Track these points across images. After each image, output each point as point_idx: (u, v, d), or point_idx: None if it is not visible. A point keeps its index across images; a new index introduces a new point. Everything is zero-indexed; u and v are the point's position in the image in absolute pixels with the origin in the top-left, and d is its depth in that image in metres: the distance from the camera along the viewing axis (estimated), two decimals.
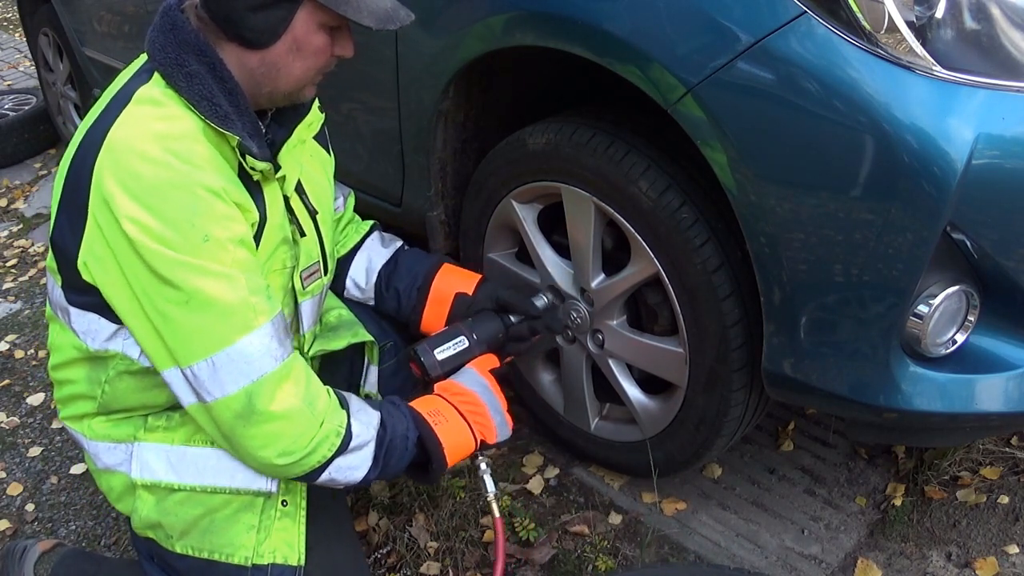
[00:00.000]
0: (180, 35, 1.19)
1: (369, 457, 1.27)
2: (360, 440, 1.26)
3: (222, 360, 1.15)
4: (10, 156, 4.17)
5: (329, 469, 1.24)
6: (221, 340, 1.15)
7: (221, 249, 1.15)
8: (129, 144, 1.15)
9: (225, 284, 1.14)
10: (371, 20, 1.19)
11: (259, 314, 1.17)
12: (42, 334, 2.78)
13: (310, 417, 1.20)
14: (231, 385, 1.16)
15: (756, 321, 1.40)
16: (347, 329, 1.54)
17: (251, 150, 1.20)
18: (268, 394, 1.17)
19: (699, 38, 1.26)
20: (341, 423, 1.24)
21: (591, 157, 1.52)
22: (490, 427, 1.43)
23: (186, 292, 1.13)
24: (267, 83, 1.23)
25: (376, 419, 1.30)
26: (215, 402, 1.17)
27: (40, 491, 2.08)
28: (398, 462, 1.31)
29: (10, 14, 7.06)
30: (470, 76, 1.69)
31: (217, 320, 1.15)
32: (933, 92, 1.13)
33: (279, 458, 1.19)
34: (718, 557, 1.69)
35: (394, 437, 1.30)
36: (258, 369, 1.16)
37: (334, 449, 1.22)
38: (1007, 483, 1.78)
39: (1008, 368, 1.29)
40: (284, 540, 1.33)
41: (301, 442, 1.20)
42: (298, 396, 1.19)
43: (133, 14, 2.82)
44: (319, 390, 1.24)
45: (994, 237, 1.19)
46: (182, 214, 1.12)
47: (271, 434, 1.18)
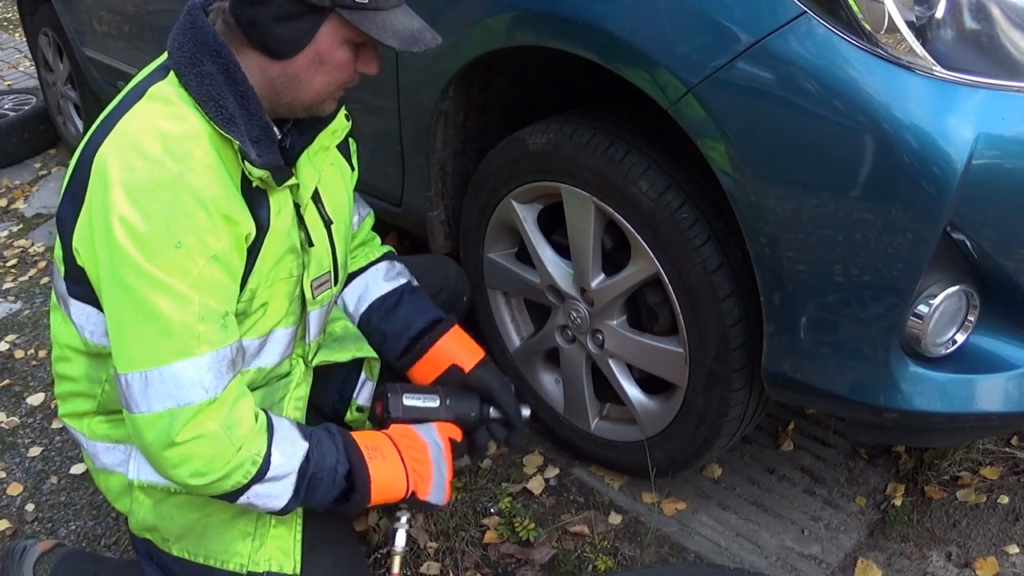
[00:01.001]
0: (199, 35, 1.19)
1: (290, 488, 1.23)
2: (279, 471, 1.21)
3: (154, 377, 1.13)
4: (10, 156, 4.17)
5: (247, 494, 1.20)
6: (157, 358, 1.13)
7: (189, 261, 1.13)
8: (132, 137, 1.15)
9: (177, 303, 1.12)
10: (395, 40, 1.18)
11: (202, 343, 1.14)
12: (42, 334, 2.78)
13: (226, 442, 1.16)
14: (157, 404, 1.13)
15: (756, 321, 1.40)
16: (353, 342, 1.53)
17: (249, 155, 1.18)
18: (187, 421, 1.14)
19: (699, 38, 1.26)
20: (259, 452, 1.19)
21: (591, 157, 1.52)
22: (427, 482, 1.37)
23: (137, 300, 1.12)
24: (287, 94, 1.22)
25: (302, 451, 1.24)
26: (139, 415, 1.15)
27: (40, 491, 2.08)
28: (325, 494, 1.27)
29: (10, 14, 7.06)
30: (470, 76, 1.69)
31: (158, 337, 1.13)
32: (933, 92, 1.13)
33: (191, 478, 1.16)
34: (718, 557, 1.69)
35: (319, 470, 1.25)
36: (186, 396, 1.13)
37: (249, 477, 1.18)
38: (1007, 483, 1.78)
39: (1008, 368, 1.29)
40: (279, 548, 1.33)
41: (214, 465, 1.16)
42: (217, 421, 1.15)
43: (133, 14, 2.83)
44: (243, 416, 1.19)
45: (994, 237, 1.19)
46: (162, 215, 1.11)
47: (185, 455, 1.15)
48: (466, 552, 1.73)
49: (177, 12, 1.27)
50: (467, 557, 1.72)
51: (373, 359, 1.56)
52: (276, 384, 1.39)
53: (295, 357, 1.42)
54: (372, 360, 1.56)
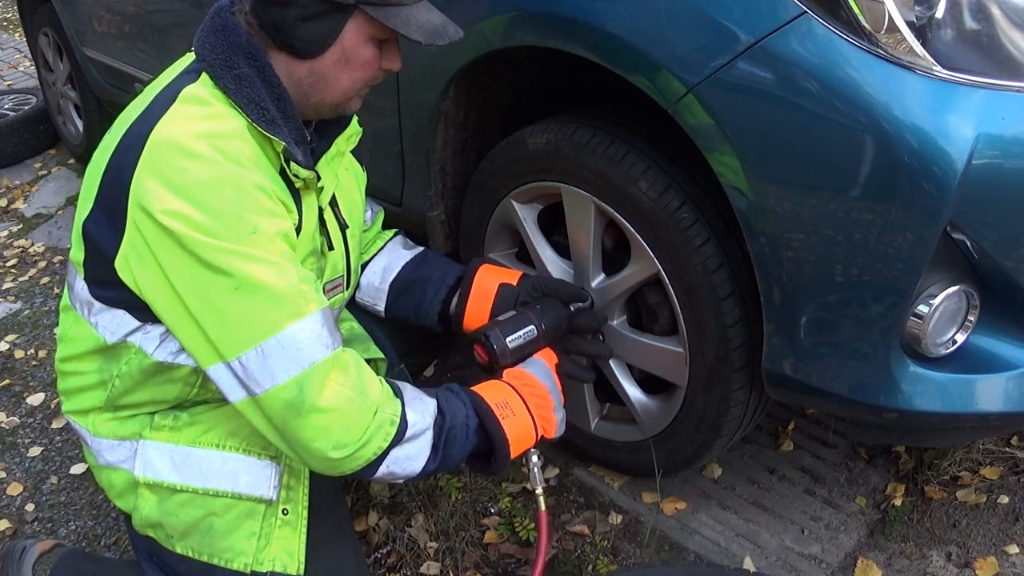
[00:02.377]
0: (231, 37, 1.19)
1: (427, 446, 1.22)
2: (417, 429, 1.21)
3: (272, 347, 1.12)
4: (10, 156, 4.17)
5: (386, 461, 1.19)
6: (272, 326, 1.12)
7: (269, 241, 1.14)
8: (174, 142, 1.13)
9: (275, 271, 1.13)
10: (420, 35, 1.18)
11: (310, 301, 1.15)
12: (42, 334, 2.78)
13: (362, 406, 1.16)
14: (281, 374, 1.12)
15: (756, 321, 1.40)
16: (359, 343, 1.54)
17: (296, 157, 1.19)
18: (319, 383, 1.13)
19: (699, 38, 1.26)
20: (396, 412, 1.19)
21: (591, 157, 1.52)
22: (552, 423, 1.39)
23: (236, 278, 1.11)
24: (314, 93, 1.23)
25: (433, 407, 1.25)
26: (264, 393, 1.14)
27: (40, 491, 2.08)
28: (460, 451, 1.27)
29: (10, 14, 7.06)
30: (470, 76, 1.69)
31: (268, 306, 1.12)
32: (933, 92, 1.13)
33: (334, 451, 1.15)
34: (718, 557, 1.69)
35: (454, 425, 1.25)
36: (309, 357, 1.13)
37: (389, 439, 1.18)
38: (1007, 483, 1.78)
39: (1008, 368, 1.29)
40: (284, 549, 1.33)
41: (354, 433, 1.15)
42: (349, 385, 1.16)
43: (133, 14, 2.82)
44: (371, 379, 1.20)
45: (994, 237, 1.19)
46: (230, 208, 1.11)
47: (323, 426, 1.14)
48: (466, 552, 1.73)
49: (177, 12, 1.28)
50: (467, 557, 1.72)
51: (380, 359, 1.56)
52: None
53: None
54: (379, 360, 1.57)
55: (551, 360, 1.48)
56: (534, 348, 1.47)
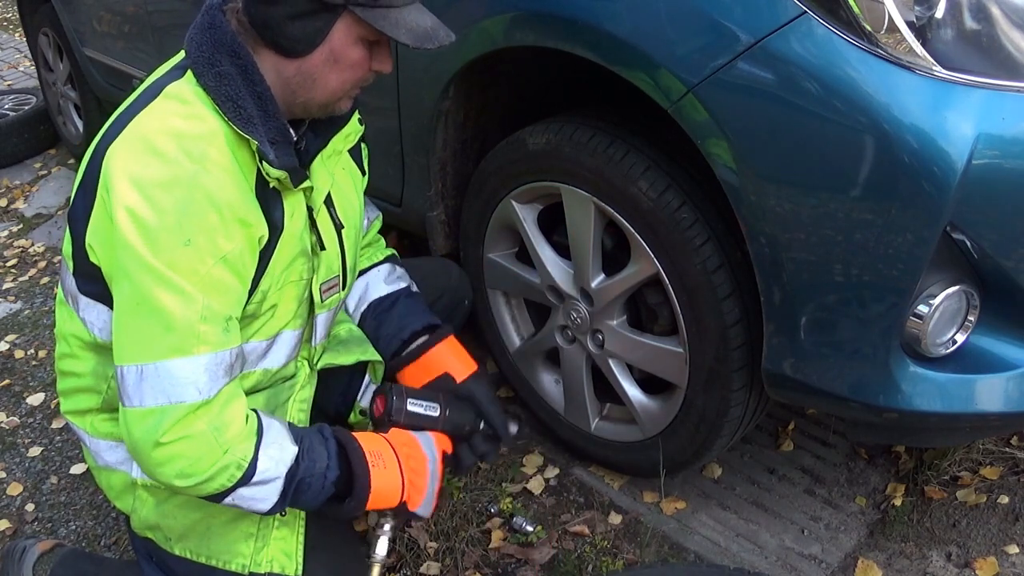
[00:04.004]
0: (216, 35, 1.19)
1: (275, 492, 1.21)
2: (266, 476, 1.20)
3: (150, 372, 1.13)
4: (10, 156, 4.17)
5: (232, 496, 1.19)
6: (154, 353, 1.13)
7: (197, 259, 1.13)
8: (145, 135, 1.15)
9: (179, 301, 1.12)
10: (409, 38, 1.17)
11: (201, 343, 1.13)
12: (42, 334, 2.78)
13: (213, 444, 1.15)
14: (149, 399, 1.13)
15: (756, 321, 1.40)
16: (357, 345, 1.53)
17: (267, 156, 1.18)
18: (176, 420, 1.13)
19: (699, 38, 1.26)
20: (245, 456, 1.17)
21: (591, 157, 1.52)
22: (420, 495, 1.36)
23: (140, 294, 1.12)
24: (302, 93, 1.22)
25: (290, 456, 1.22)
26: (130, 409, 1.15)
27: (40, 491, 2.08)
28: (313, 498, 1.25)
29: (10, 14, 7.05)
30: (470, 76, 1.69)
31: (158, 332, 1.12)
32: (933, 92, 1.13)
33: (176, 479, 1.15)
34: (718, 557, 1.69)
35: (309, 475, 1.24)
36: (178, 394, 1.13)
37: (234, 480, 1.17)
38: (1007, 483, 1.78)
39: (1008, 368, 1.29)
40: (282, 550, 1.33)
41: (199, 466, 1.15)
42: (206, 421, 1.15)
43: (133, 14, 2.82)
44: (232, 418, 1.18)
45: (994, 237, 1.19)
46: (173, 212, 1.11)
47: (170, 454, 1.14)
48: (466, 552, 1.73)
49: (177, 12, 1.28)
50: (467, 557, 1.72)
51: (377, 362, 1.56)
52: (281, 386, 1.39)
53: (300, 360, 1.42)
54: (376, 363, 1.56)
55: (442, 443, 1.44)
56: (430, 426, 1.43)
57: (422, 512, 1.37)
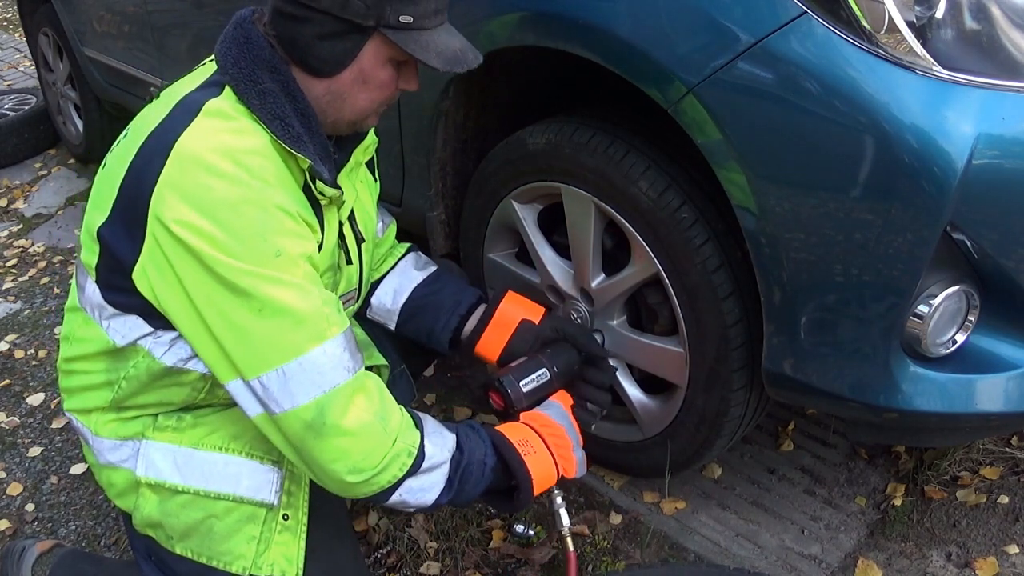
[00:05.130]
0: (254, 50, 1.18)
1: (442, 479, 1.23)
2: (433, 461, 1.22)
3: (293, 370, 1.12)
4: (10, 156, 4.17)
5: (400, 490, 1.20)
6: (294, 349, 1.12)
7: (293, 264, 1.13)
8: (198, 156, 1.12)
9: (298, 294, 1.12)
10: (439, 61, 1.17)
11: (332, 324, 1.15)
12: (42, 334, 2.78)
13: (382, 434, 1.16)
14: (302, 396, 1.13)
15: (756, 321, 1.40)
16: (363, 350, 1.54)
17: (322, 175, 1.19)
18: (340, 407, 1.14)
19: (700, 38, 1.26)
20: (414, 443, 1.20)
21: (591, 157, 1.52)
22: (572, 462, 1.40)
23: (259, 300, 1.11)
24: (332, 111, 1.22)
25: (452, 441, 1.26)
26: (284, 414, 1.14)
27: (40, 491, 2.08)
28: (474, 487, 1.27)
29: (10, 14, 7.06)
30: (470, 76, 1.68)
31: (290, 328, 1.12)
32: (933, 92, 1.13)
33: (349, 475, 1.16)
34: (718, 557, 1.69)
35: (471, 461, 1.26)
36: (330, 380, 1.13)
37: (405, 469, 1.19)
38: (1007, 483, 1.78)
39: (1008, 368, 1.29)
40: (283, 554, 1.33)
41: (372, 459, 1.16)
42: (371, 411, 1.16)
43: (133, 14, 2.82)
44: (393, 407, 1.20)
45: (994, 237, 1.19)
46: (254, 229, 1.10)
47: (341, 449, 1.14)
48: (466, 552, 1.73)
49: (177, 12, 1.27)
50: (467, 557, 1.72)
51: (383, 366, 1.56)
52: None
53: None
54: (382, 367, 1.57)
55: (566, 402, 1.48)
56: (548, 391, 1.47)
57: (580, 474, 1.42)
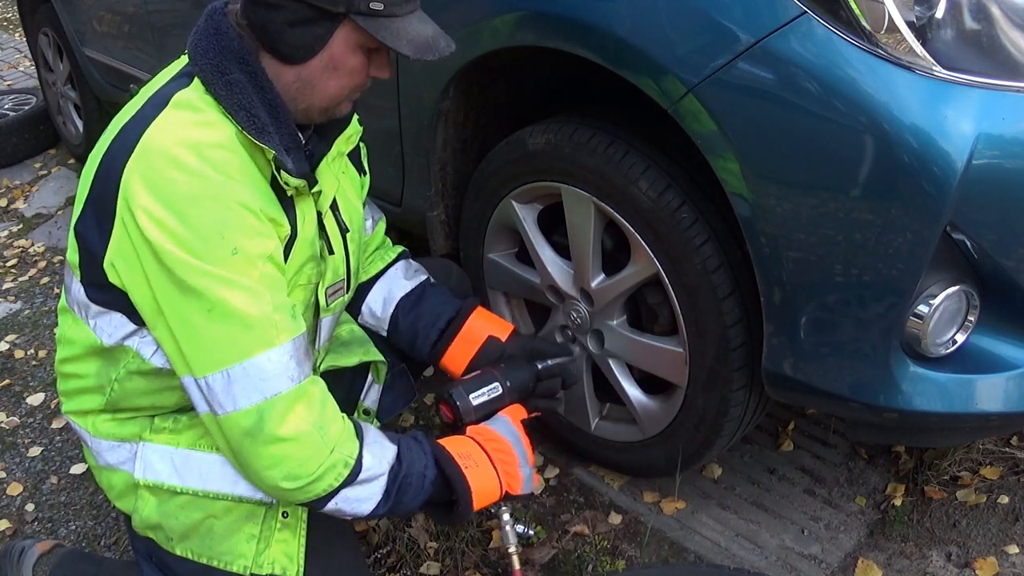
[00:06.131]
0: (223, 41, 1.18)
1: (379, 492, 1.23)
2: (371, 473, 1.22)
3: (238, 373, 1.13)
4: (10, 156, 4.17)
5: (336, 499, 1.20)
6: (239, 353, 1.13)
7: (249, 264, 1.13)
8: (164, 149, 1.13)
9: (250, 297, 1.12)
10: (409, 49, 1.17)
11: (281, 331, 1.15)
12: (42, 334, 2.78)
13: (320, 443, 1.16)
14: (243, 400, 1.14)
15: (756, 321, 1.40)
16: (359, 346, 1.54)
17: (286, 165, 1.18)
18: (280, 414, 1.14)
19: (700, 38, 1.26)
20: (352, 453, 1.19)
21: (591, 157, 1.52)
22: (517, 478, 1.38)
23: (209, 301, 1.11)
24: (302, 99, 1.22)
25: (392, 453, 1.25)
26: (225, 416, 1.15)
27: (40, 491, 2.08)
28: (412, 499, 1.27)
29: (10, 14, 7.06)
30: (470, 76, 1.69)
31: (238, 332, 1.12)
32: (933, 92, 1.13)
33: (284, 481, 1.16)
34: (718, 557, 1.69)
35: (409, 474, 1.26)
36: (273, 387, 1.14)
37: (341, 479, 1.19)
38: (1007, 483, 1.78)
39: (1008, 368, 1.29)
40: (283, 552, 1.33)
41: (308, 467, 1.16)
42: (309, 420, 1.16)
43: (133, 14, 2.82)
44: (333, 417, 1.20)
45: (994, 237, 1.19)
46: (212, 225, 1.11)
47: (278, 455, 1.15)
48: (466, 552, 1.73)
49: (177, 12, 1.27)
50: (467, 557, 1.72)
51: (380, 362, 1.56)
52: None
53: None
54: (379, 363, 1.56)
55: (517, 416, 1.46)
56: (499, 405, 1.45)
57: (526, 490, 1.39)
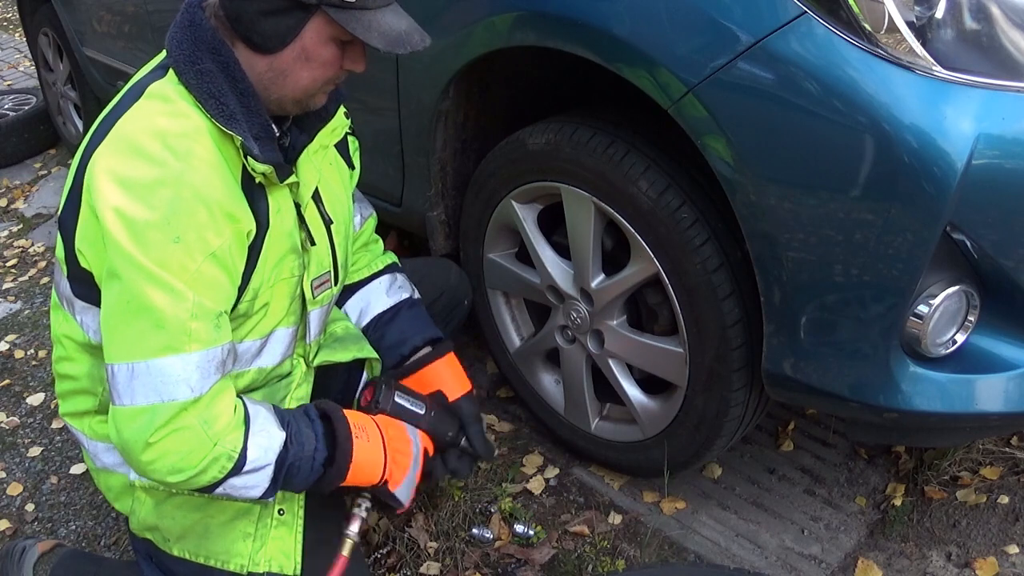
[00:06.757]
0: (197, 32, 1.19)
1: (266, 479, 1.22)
2: (256, 464, 1.20)
3: (141, 370, 1.13)
4: (10, 156, 4.17)
5: (223, 487, 1.20)
6: (147, 350, 1.13)
7: (187, 257, 1.13)
8: (130, 137, 1.15)
9: (170, 298, 1.12)
10: (380, 41, 1.17)
11: (193, 341, 1.13)
12: (42, 334, 2.78)
13: (202, 437, 1.15)
14: (141, 397, 1.13)
15: (756, 321, 1.40)
16: (353, 342, 1.54)
17: (252, 151, 1.18)
18: (169, 417, 1.13)
19: (700, 38, 1.26)
20: (235, 447, 1.18)
21: (591, 157, 1.52)
22: (402, 474, 1.37)
23: (131, 292, 1.12)
24: (274, 89, 1.22)
25: (278, 441, 1.23)
26: (121, 407, 1.15)
27: (40, 491, 2.08)
28: (303, 481, 1.27)
29: (10, 14, 7.05)
30: (470, 76, 1.69)
31: (149, 329, 1.12)
32: (933, 92, 1.13)
33: (169, 475, 1.16)
34: (718, 557, 1.69)
35: (297, 459, 1.24)
36: (170, 392, 1.13)
37: (225, 472, 1.18)
38: (1007, 483, 1.78)
39: (1008, 368, 1.29)
40: (280, 549, 1.33)
41: (190, 460, 1.15)
42: (195, 416, 1.15)
43: (133, 14, 2.83)
44: (221, 410, 1.18)
45: (994, 237, 1.19)
46: (162, 210, 1.11)
47: (161, 451, 1.14)
48: (466, 552, 1.73)
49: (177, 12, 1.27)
50: (467, 557, 1.72)
51: (374, 359, 1.56)
52: (277, 384, 1.39)
53: (296, 357, 1.42)
54: (373, 360, 1.56)
55: (426, 441, 1.46)
56: (413, 422, 1.45)
57: (401, 495, 1.38)
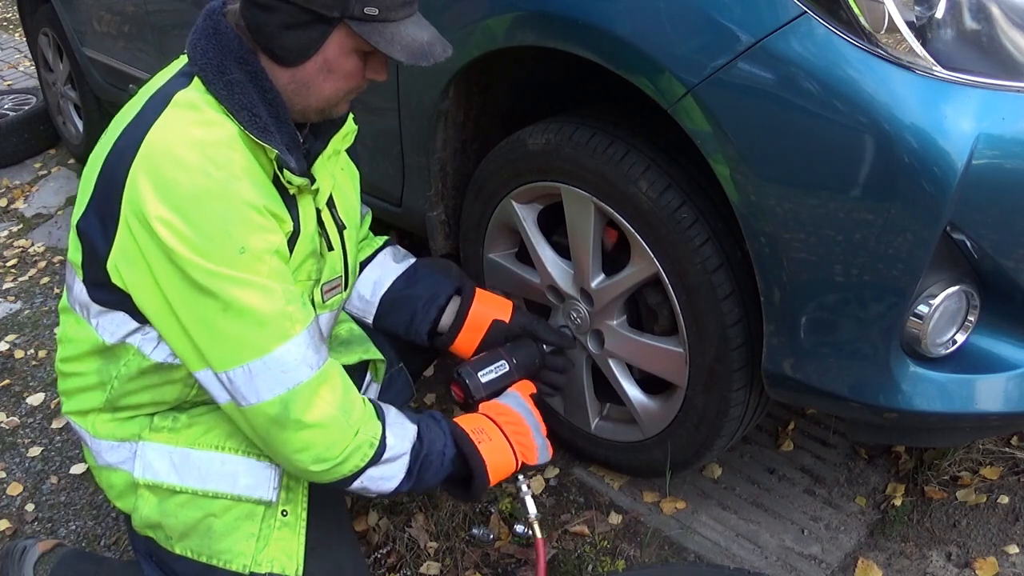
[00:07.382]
0: (223, 41, 1.18)
1: (403, 469, 1.28)
2: (394, 452, 1.26)
3: (258, 367, 1.15)
4: (10, 156, 4.17)
5: (361, 478, 1.25)
6: (258, 349, 1.15)
7: (257, 260, 1.15)
8: (167, 149, 1.13)
9: (261, 295, 1.15)
10: (403, 54, 1.18)
11: (295, 323, 1.17)
12: (42, 334, 2.78)
13: (344, 426, 1.21)
14: (267, 392, 1.16)
15: (756, 321, 1.40)
16: (359, 345, 1.55)
17: (289, 164, 1.20)
18: (304, 402, 1.17)
19: (699, 38, 1.26)
20: (376, 434, 1.24)
21: (591, 157, 1.52)
22: (532, 448, 1.42)
23: (223, 301, 1.13)
24: (298, 100, 1.23)
25: (412, 432, 1.30)
26: (250, 407, 1.18)
27: (40, 491, 2.08)
28: (433, 476, 1.32)
29: (10, 14, 7.05)
30: (470, 76, 1.69)
31: (254, 329, 1.15)
32: (933, 92, 1.13)
33: (314, 464, 1.21)
34: (718, 557, 1.69)
35: (430, 452, 1.30)
36: (294, 378, 1.17)
37: (367, 460, 1.23)
38: (1007, 483, 1.78)
39: (1008, 368, 1.29)
40: (282, 550, 1.33)
41: (334, 450, 1.20)
42: (334, 404, 1.20)
43: (133, 14, 2.82)
44: (355, 399, 1.24)
45: (994, 237, 1.19)
46: (218, 224, 1.12)
47: (305, 441, 1.19)
48: (466, 552, 1.73)
49: (177, 12, 1.27)
50: (467, 557, 1.72)
51: (379, 361, 1.56)
52: None
53: None
54: (378, 362, 1.57)
55: (526, 390, 1.51)
56: (507, 382, 1.51)
57: (542, 460, 1.44)
